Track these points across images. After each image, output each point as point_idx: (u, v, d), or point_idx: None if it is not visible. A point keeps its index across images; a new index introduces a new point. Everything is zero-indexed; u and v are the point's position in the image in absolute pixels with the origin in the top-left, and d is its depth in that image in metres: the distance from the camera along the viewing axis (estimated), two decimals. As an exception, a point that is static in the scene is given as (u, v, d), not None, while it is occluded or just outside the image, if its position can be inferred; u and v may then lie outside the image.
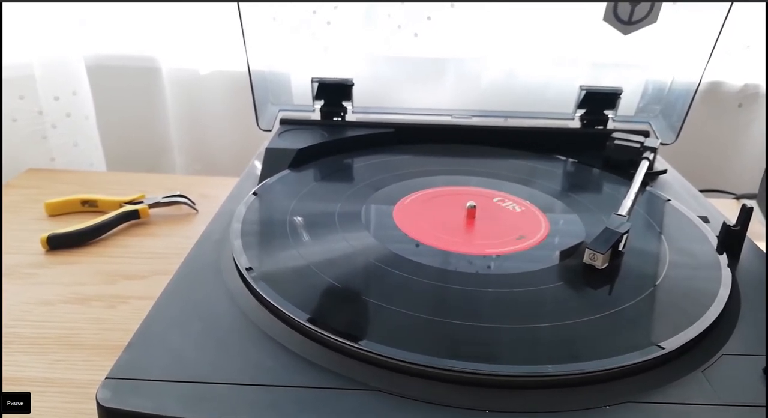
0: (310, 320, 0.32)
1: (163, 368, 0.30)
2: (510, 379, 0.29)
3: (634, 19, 0.60)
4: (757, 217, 0.61)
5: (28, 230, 0.59)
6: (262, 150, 0.58)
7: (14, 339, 0.43)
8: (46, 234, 0.55)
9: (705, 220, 0.48)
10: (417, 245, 0.42)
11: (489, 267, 0.40)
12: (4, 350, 0.42)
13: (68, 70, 0.76)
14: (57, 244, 0.56)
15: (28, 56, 0.73)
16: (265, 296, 0.34)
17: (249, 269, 0.37)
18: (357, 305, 0.35)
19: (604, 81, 0.65)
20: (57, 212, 0.63)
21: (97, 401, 0.28)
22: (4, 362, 0.41)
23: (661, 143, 0.60)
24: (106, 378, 0.29)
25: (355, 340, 0.31)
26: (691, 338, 0.32)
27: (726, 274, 0.39)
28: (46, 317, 0.46)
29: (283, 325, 0.33)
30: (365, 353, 0.30)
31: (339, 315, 0.34)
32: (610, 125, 0.65)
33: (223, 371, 0.30)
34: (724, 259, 0.41)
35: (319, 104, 0.65)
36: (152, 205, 0.63)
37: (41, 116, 0.76)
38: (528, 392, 0.29)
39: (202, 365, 0.30)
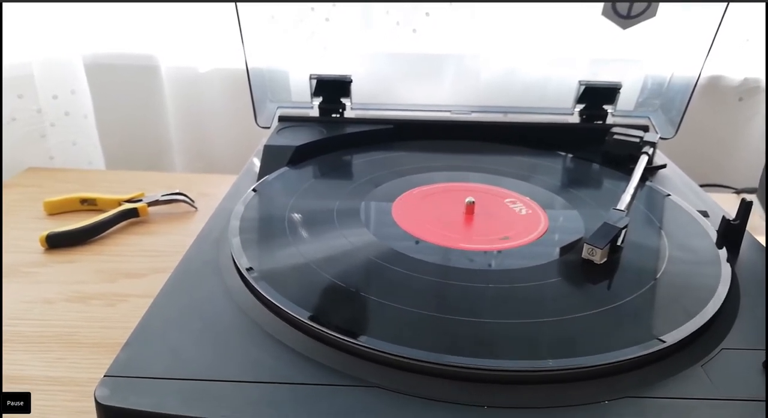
0: (310, 318, 0.32)
1: (162, 366, 0.30)
2: (509, 374, 0.29)
3: (633, 13, 0.60)
4: (757, 211, 0.61)
5: (28, 228, 0.59)
6: (260, 147, 0.58)
7: (15, 337, 0.43)
8: (46, 233, 0.55)
9: (705, 214, 0.47)
10: (416, 242, 0.42)
11: (488, 263, 0.40)
12: (4, 348, 0.42)
13: (67, 69, 0.76)
14: (56, 242, 0.56)
15: (27, 55, 0.73)
16: (264, 295, 0.34)
17: (249, 269, 0.37)
18: (356, 302, 0.35)
19: (603, 76, 0.65)
20: (56, 210, 0.63)
21: (96, 400, 0.28)
22: (6, 361, 0.41)
23: (661, 138, 0.60)
24: (104, 376, 0.29)
25: (354, 336, 0.31)
26: (690, 332, 0.32)
27: (725, 268, 0.39)
28: (47, 315, 0.46)
29: (282, 322, 0.33)
30: (364, 349, 0.30)
31: (338, 312, 0.34)
32: (610, 120, 0.65)
33: (221, 368, 0.30)
34: (723, 253, 0.41)
35: (317, 101, 0.65)
36: (151, 204, 0.63)
37: (40, 115, 0.76)
38: (527, 387, 0.29)
39: (201, 363, 0.30)
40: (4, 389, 0.38)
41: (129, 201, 0.63)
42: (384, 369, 0.30)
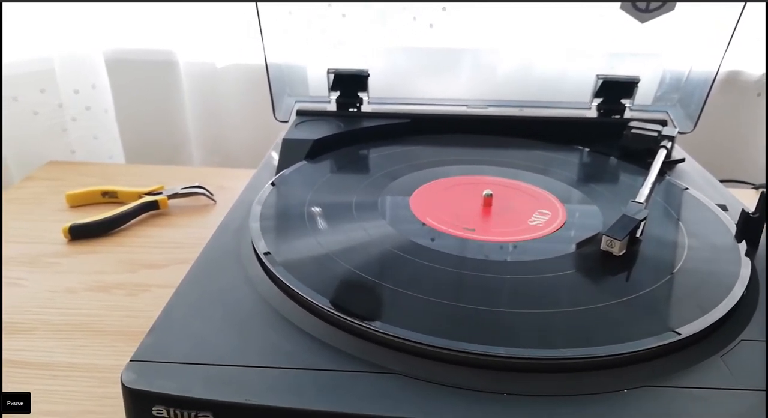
0: (330, 304, 0.33)
1: (185, 351, 0.30)
2: (529, 362, 0.29)
3: (652, 7, 0.60)
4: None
5: (50, 220, 0.60)
6: (279, 141, 0.59)
7: (40, 325, 0.44)
8: (68, 224, 0.56)
9: (723, 208, 0.47)
10: (433, 234, 0.43)
11: (506, 254, 0.40)
12: (30, 336, 0.43)
13: (88, 64, 0.77)
14: (79, 234, 0.57)
15: (49, 50, 0.74)
16: (284, 281, 0.35)
17: (267, 254, 0.38)
18: (375, 290, 0.36)
19: (621, 70, 0.65)
20: (78, 203, 0.64)
21: (122, 383, 0.28)
22: (31, 348, 0.42)
23: (679, 132, 0.59)
24: (130, 360, 0.30)
25: (374, 323, 0.31)
26: (708, 324, 0.32)
27: (745, 261, 0.39)
28: (70, 304, 0.47)
29: (302, 310, 0.34)
30: (383, 336, 0.31)
31: (357, 300, 0.35)
32: (627, 114, 0.65)
33: (244, 354, 0.30)
34: (743, 246, 0.41)
35: (335, 95, 0.66)
36: (171, 196, 0.64)
37: (61, 109, 0.78)
38: (546, 375, 0.29)
39: (224, 349, 0.31)
40: (20, 385, 0.38)
41: (149, 194, 0.64)
42: (404, 356, 0.30)
